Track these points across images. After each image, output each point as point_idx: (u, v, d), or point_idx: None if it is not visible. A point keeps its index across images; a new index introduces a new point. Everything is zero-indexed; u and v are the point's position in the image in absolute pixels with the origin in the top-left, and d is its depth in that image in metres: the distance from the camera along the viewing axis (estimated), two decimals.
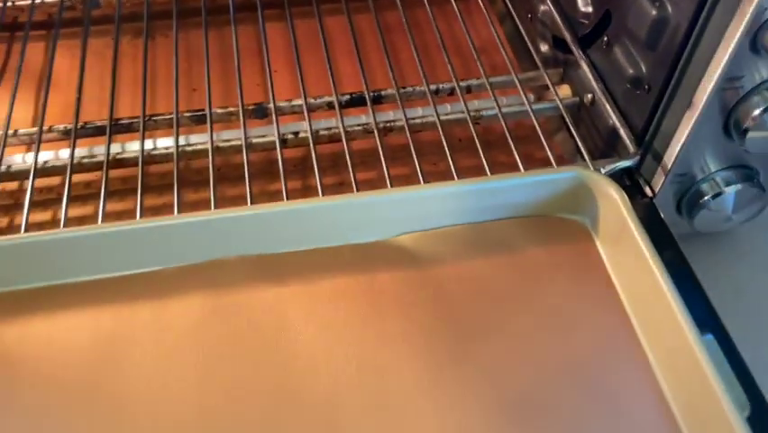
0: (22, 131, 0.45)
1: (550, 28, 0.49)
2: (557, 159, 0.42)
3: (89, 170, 0.44)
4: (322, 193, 0.40)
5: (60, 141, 0.46)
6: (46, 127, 0.45)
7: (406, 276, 0.38)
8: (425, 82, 0.46)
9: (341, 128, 0.44)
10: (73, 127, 0.44)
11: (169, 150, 0.43)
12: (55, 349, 0.35)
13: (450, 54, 0.48)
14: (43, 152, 0.43)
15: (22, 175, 0.43)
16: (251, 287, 0.37)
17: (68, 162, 0.41)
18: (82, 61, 0.48)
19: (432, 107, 0.45)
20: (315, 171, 0.41)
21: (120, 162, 0.43)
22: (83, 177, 0.45)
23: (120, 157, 0.43)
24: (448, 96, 0.48)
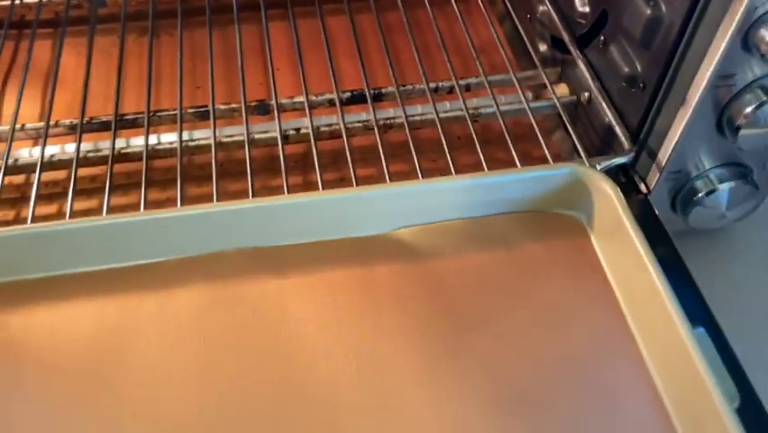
0: (30, 125, 0.46)
1: (548, 28, 0.50)
2: (554, 156, 0.43)
3: (94, 164, 0.44)
4: (322, 188, 0.40)
5: (66, 135, 0.46)
6: (52, 122, 0.45)
7: (405, 269, 0.38)
8: (424, 80, 0.47)
9: (341, 125, 0.45)
10: (79, 122, 0.44)
11: (172, 145, 0.44)
12: (59, 338, 0.35)
13: (450, 54, 0.49)
14: (50, 147, 0.44)
15: (29, 168, 0.44)
16: (251, 278, 0.38)
17: (74, 156, 0.42)
18: (88, 59, 0.49)
19: (431, 105, 0.45)
20: (316, 167, 0.42)
21: (124, 157, 0.44)
22: (88, 171, 0.46)
23: (125, 151, 0.44)
24: (447, 95, 0.49)
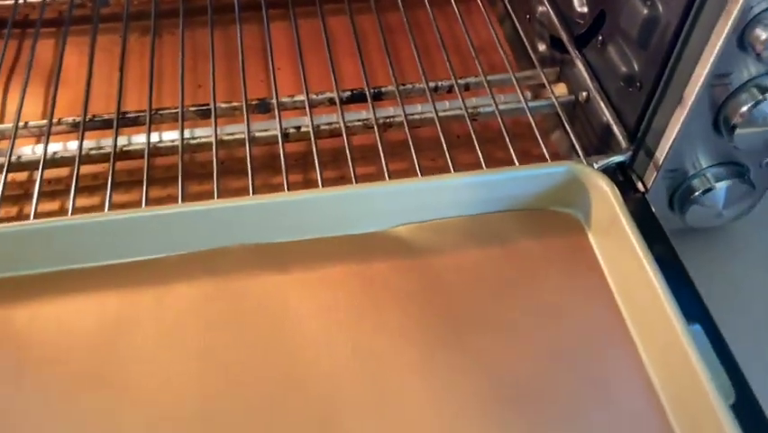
0: (33, 123, 0.46)
1: (547, 28, 0.50)
2: (552, 155, 0.43)
3: (97, 162, 0.45)
4: (322, 187, 0.41)
5: (69, 133, 0.47)
6: (55, 120, 0.46)
7: (403, 266, 0.38)
8: (424, 80, 0.48)
9: (341, 123, 0.45)
10: (82, 120, 0.45)
11: (174, 142, 0.45)
12: (62, 332, 0.36)
13: (449, 54, 0.49)
14: (52, 144, 0.45)
15: (32, 165, 0.44)
16: (251, 274, 0.38)
17: (77, 153, 0.43)
18: (91, 58, 0.49)
19: (431, 104, 0.46)
20: (316, 165, 0.42)
21: (126, 154, 0.44)
22: (90, 168, 0.46)
23: (127, 149, 0.44)
24: (447, 94, 0.49)
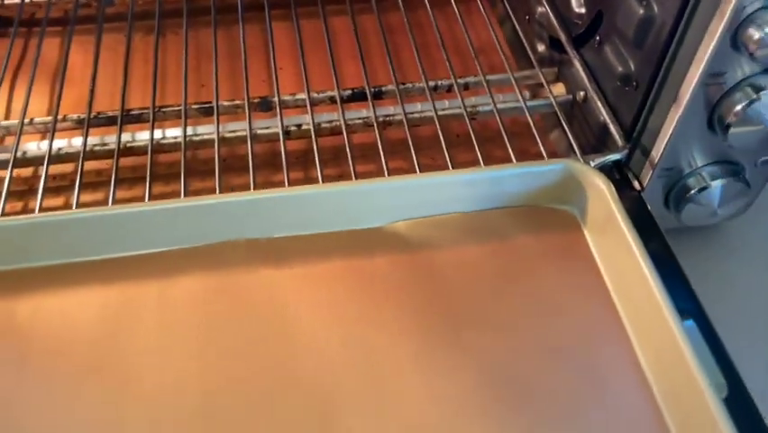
0: (38, 119, 0.47)
1: (546, 29, 0.51)
2: (550, 154, 0.44)
3: (101, 158, 0.46)
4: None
5: (74, 129, 0.48)
6: (60, 117, 0.47)
7: (401, 260, 0.39)
8: (424, 79, 0.48)
9: (342, 121, 0.46)
10: (86, 117, 0.46)
11: (177, 139, 0.45)
12: (65, 324, 0.36)
13: (449, 54, 0.50)
14: (57, 140, 0.45)
15: (37, 161, 0.45)
16: (252, 268, 0.38)
17: (81, 149, 0.43)
18: (96, 56, 0.50)
19: (430, 103, 0.46)
20: (317, 163, 0.43)
21: (130, 150, 0.45)
22: (95, 165, 0.47)
23: (130, 145, 0.45)
24: (446, 93, 0.50)
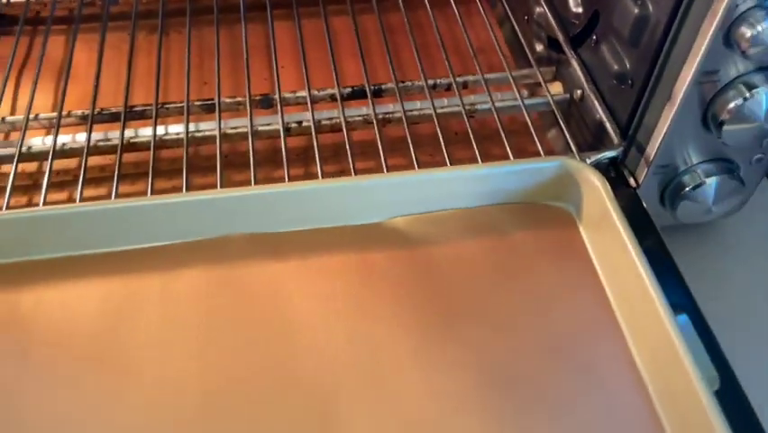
0: (43, 115, 0.48)
1: (545, 29, 0.52)
2: (548, 153, 0.44)
3: (104, 153, 0.46)
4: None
5: (78, 125, 0.48)
6: (65, 113, 0.47)
7: (399, 255, 0.39)
8: (423, 77, 0.49)
9: (342, 118, 0.46)
10: (90, 113, 0.46)
11: (179, 135, 0.46)
12: (67, 315, 0.37)
13: (449, 54, 0.50)
14: (62, 136, 0.46)
15: (42, 156, 0.46)
16: (253, 263, 0.39)
17: (85, 145, 0.44)
18: (100, 54, 0.51)
19: (429, 101, 0.47)
20: (317, 160, 0.43)
21: (133, 146, 0.46)
22: (98, 160, 0.47)
23: (133, 141, 0.46)
24: (445, 92, 0.51)
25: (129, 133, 0.46)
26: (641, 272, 0.35)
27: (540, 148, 0.44)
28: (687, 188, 0.42)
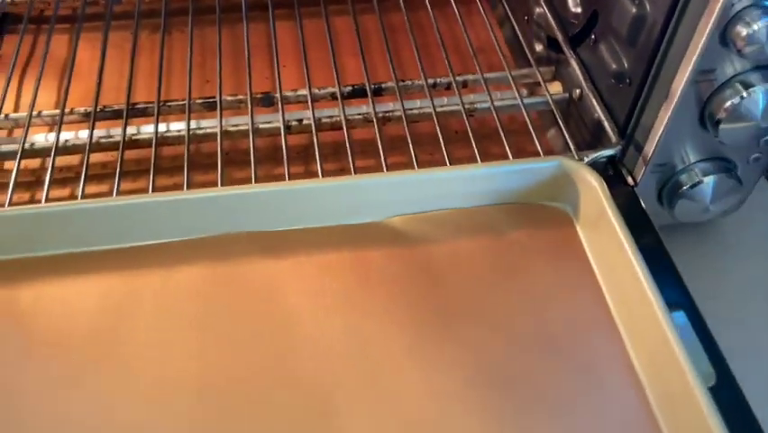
0: (46, 112, 0.48)
1: (544, 29, 0.52)
2: (547, 152, 0.44)
3: (106, 150, 0.47)
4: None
5: (81, 122, 0.49)
6: (68, 110, 0.48)
7: (395, 254, 0.40)
8: (423, 76, 0.49)
9: (342, 117, 0.46)
10: (93, 110, 0.47)
11: (181, 132, 0.46)
12: (67, 310, 0.37)
13: (449, 53, 0.51)
14: (64, 132, 0.46)
15: (45, 152, 0.46)
16: (250, 260, 0.39)
17: (88, 141, 0.44)
18: (103, 53, 0.51)
19: (429, 100, 0.47)
20: (317, 158, 0.44)
21: (135, 143, 0.46)
22: (100, 157, 0.48)
23: (135, 138, 0.46)
24: (445, 91, 0.51)
25: (131, 131, 0.47)
26: (638, 272, 0.35)
27: (539, 147, 0.44)
28: (684, 187, 0.42)
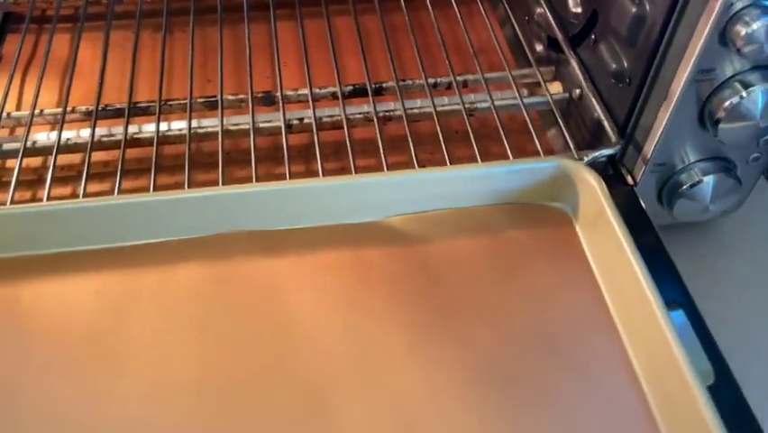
0: (48, 111, 0.48)
1: (545, 29, 0.52)
2: (547, 152, 0.44)
3: (108, 148, 0.47)
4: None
5: (82, 121, 0.49)
6: (69, 108, 0.48)
7: (395, 254, 0.40)
8: (423, 76, 0.49)
9: (343, 116, 0.47)
10: (94, 109, 0.47)
11: (182, 131, 0.46)
12: (66, 310, 0.37)
13: (450, 53, 0.51)
14: (66, 131, 0.46)
15: (46, 151, 0.46)
16: (250, 259, 0.39)
17: (89, 140, 0.44)
18: (104, 52, 0.51)
19: (429, 99, 0.47)
20: (318, 157, 0.44)
21: (136, 142, 0.46)
22: (102, 156, 0.48)
23: (137, 136, 0.46)
24: (446, 90, 0.51)
25: (132, 129, 0.47)
26: (637, 271, 0.36)
27: (539, 146, 0.45)
28: (684, 187, 0.42)
